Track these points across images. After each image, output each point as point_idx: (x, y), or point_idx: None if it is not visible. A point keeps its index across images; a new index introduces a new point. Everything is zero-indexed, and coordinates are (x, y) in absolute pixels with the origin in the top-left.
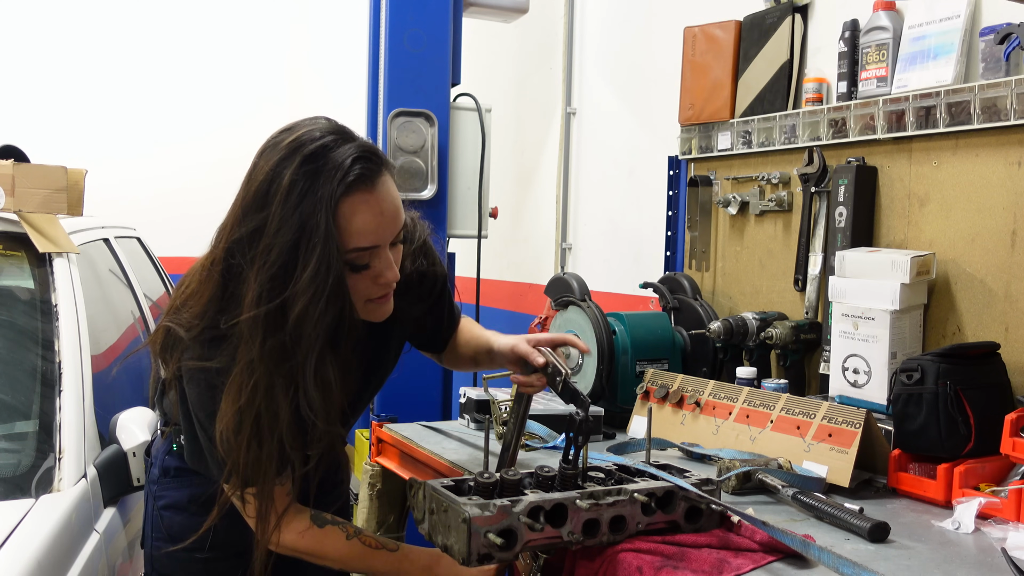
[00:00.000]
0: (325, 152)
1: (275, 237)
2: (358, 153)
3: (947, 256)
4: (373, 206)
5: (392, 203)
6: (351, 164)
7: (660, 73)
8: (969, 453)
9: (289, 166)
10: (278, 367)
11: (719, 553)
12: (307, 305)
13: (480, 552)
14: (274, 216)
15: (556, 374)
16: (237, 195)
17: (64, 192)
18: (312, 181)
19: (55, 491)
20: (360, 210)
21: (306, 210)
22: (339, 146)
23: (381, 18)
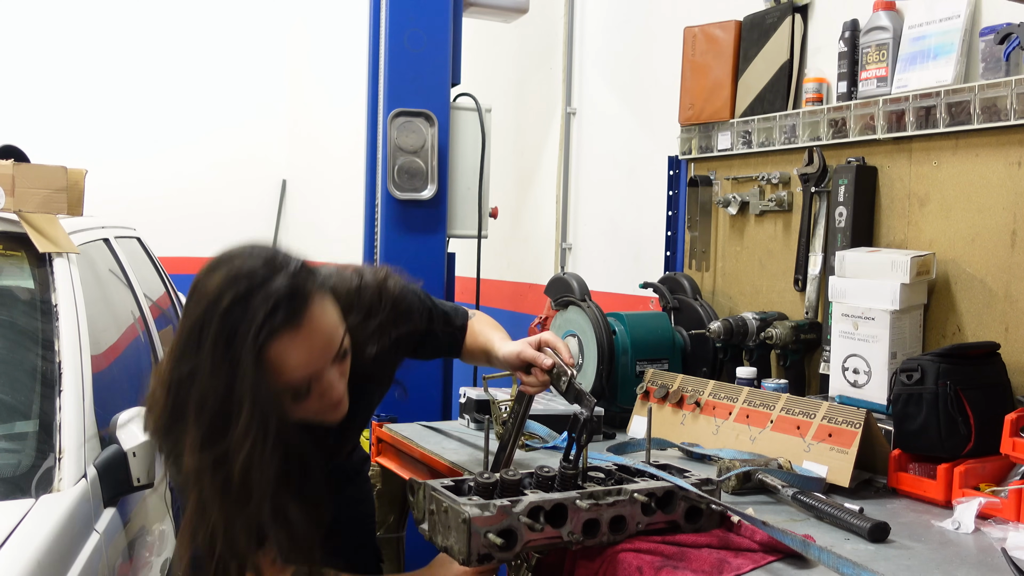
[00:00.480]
0: (249, 297)
1: (208, 383)
2: (281, 293)
3: (947, 256)
4: (301, 344)
5: (323, 333)
6: (273, 308)
7: (660, 73)
8: (969, 453)
9: (216, 311)
10: (233, 513)
11: (719, 553)
12: (248, 455)
13: (480, 552)
14: (205, 362)
15: (561, 374)
16: (179, 325)
17: (64, 192)
18: (237, 328)
19: (55, 491)
20: (288, 349)
21: (234, 358)
22: (264, 286)
23: (381, 18)
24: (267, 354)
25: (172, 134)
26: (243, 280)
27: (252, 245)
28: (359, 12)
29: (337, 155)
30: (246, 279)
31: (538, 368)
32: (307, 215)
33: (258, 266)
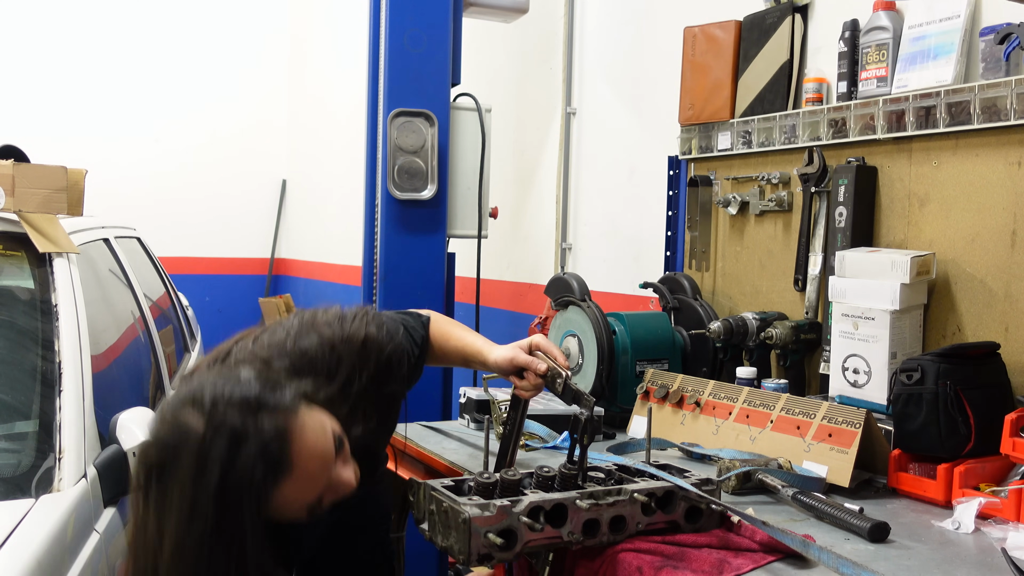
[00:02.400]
0: (229, 476)
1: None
2: (259, 452)
3: (947, 256)
4: (299, 480)
5: (317, 459)
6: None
7: (660, 73)
8: (969, 453)
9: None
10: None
11: (719, 553)
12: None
13: (480, 552)
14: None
15: (556, 376)
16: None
17: (64, 192)
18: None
19: (55, 491)
20: (289, 493)
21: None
22: (239, 451)
23: (381, 18)
24: (271, 509)
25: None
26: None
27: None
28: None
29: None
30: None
31: (532, 372)
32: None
33: (222, 441)
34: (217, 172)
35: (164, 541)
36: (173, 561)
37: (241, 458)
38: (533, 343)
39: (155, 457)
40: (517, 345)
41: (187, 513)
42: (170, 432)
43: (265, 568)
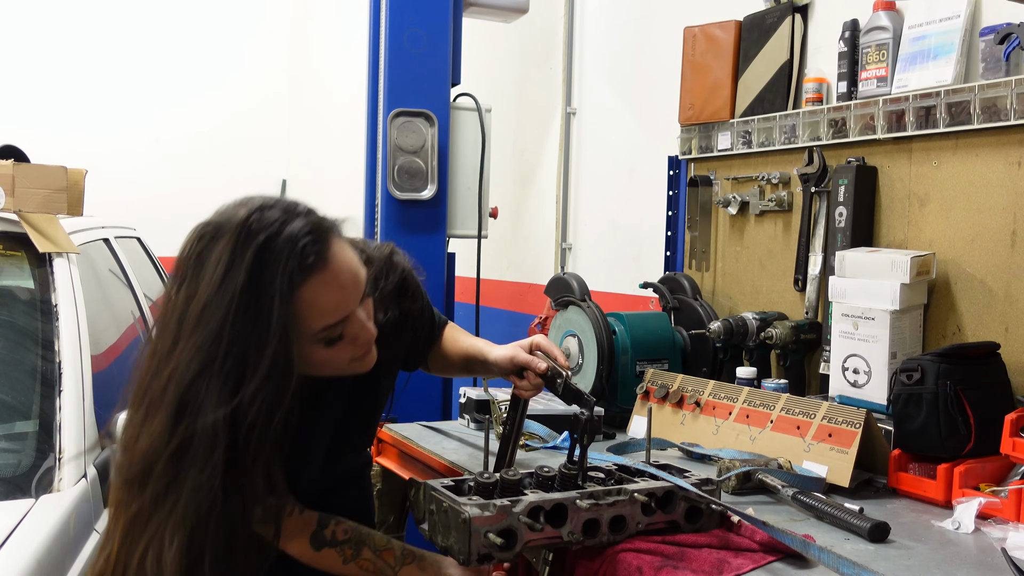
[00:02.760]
0: (272, 241)
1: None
2: (304, 232)
3: (947, 256)
4: (331, 283)
5: (350, 271)
6: (301, 252)
7: (660, 73)
8: (969, 453)
9: (240, 264)
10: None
11: (719, 553)
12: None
13: (480, 552)
14: (225, 324)
15: (556, 376)
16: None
17: (64, 192)
18: (262, 276)
19: (55, 491)
20: (318, 292)
21: (261, 309)
22: (284, 231)
23: (381, 18)
24: (300, 298)
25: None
26: (264, 229)
27: (250, 197)
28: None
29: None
30: (266, 224)
31: (531, 372)
32: None
33: (275, 214)
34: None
35: (192, 303)
36: (197, 319)
37: (286, 231)
38: (534, 343)
39: (204, 231)
40: (518, 344)
41: (221, 272)
42: (221, 214)
43: (285, 359)
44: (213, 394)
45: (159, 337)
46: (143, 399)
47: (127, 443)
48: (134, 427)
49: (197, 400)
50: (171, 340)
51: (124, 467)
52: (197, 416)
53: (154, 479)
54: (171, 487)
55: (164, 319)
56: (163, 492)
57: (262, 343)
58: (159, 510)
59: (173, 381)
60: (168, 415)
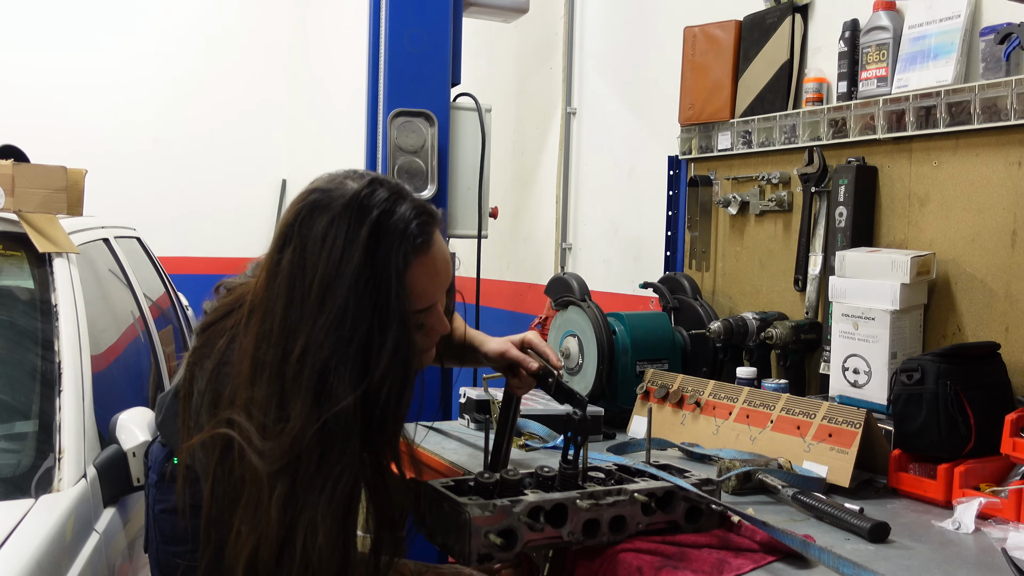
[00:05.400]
0: (386, 219)
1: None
2: (416, 213)
3: (947, 256)
4: (430, 268)
5: (446, 259)
6: (415, 229)
7: (660, 73)
8: (969, 453)
9: (356, 239)
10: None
11: (719, 553)
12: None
13: (480, 552)
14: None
15: (548, 375)
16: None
17: (64, 192)
18: (377, 253)
19: (55, 491)
20: (419, 275)
21: (380, 288)
22: (397, 207)
23: (381, 18)
24: (406, 277)
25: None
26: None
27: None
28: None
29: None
30: (377, 205)
31: (523, 370)
32: None
33: (385, 192)
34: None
35: (307, 275)
36: (322, 296)
37: (398, 210)
38: (526, 340)
39: (312, 199)
40: (510, 340)
41: (340, 249)
42: (329, 183)
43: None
44: (344, 377)
45: (271, 304)
46: (276, 379)
47: (267, 425)
48: (271, 409)
49: (330, 383)
50: (296, 315)
51: (274, 452)
52: (332, 400)
53: (303, 465)
54: (318, 472)
55: (273, 284)
56: (311, 477)
57: (385, 324)
58: (309, 494)
59: (308, 362)
60: (308, 399)
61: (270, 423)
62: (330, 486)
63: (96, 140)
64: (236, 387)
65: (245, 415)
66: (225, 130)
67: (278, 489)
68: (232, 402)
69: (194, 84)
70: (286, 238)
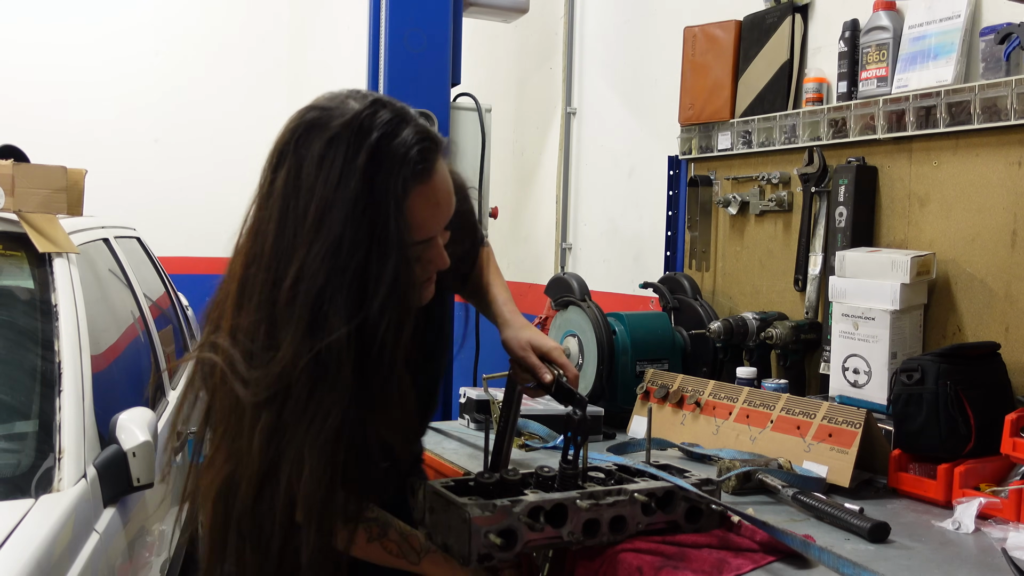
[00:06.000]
0: (386, 142)
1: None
2: (418, 138)
3: (947, 256)
4: (431, 197)
5: (448, 190)
6: (416, 155)
7: (660, 73)
8: (969, 453)
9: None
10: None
11: (719, 553)
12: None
13: (480, 552)
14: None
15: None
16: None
17: (64, 192)
18: (375, 178)
19: (55, 491)
20: (419, 204)
21: (378, 215)
22: (399, 130)
23: (381, 18)
24: (405, 205)
25: (172, 134)
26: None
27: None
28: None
29: None
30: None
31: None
32: None
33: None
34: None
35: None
36: (317, 222)
37: (400, 134)
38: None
39: (310, 117)
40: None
41: (337, 173)
42: (329, 101)
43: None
44: (339, 307)
45: (264, 226)
46: (266, 305)
47: (255, 353)
48: (259, 336)
49: (324, 312)
50: (288, 240)
51: (260, 382)
52: (325, 331)
53: (292, 397)
54: (307, 405)
55: (266, 205)
56: (300, 410)
57: (383, 253)
58: (297, 428)
59: (301, 291)
60: (301, 328)
61: (257, 350)
62: (319, 419)
63: (96, 140)
64: (223, 310)
65: (230, 340)
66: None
67: (263, 420)
68: (218, 326)
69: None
70: (281, 156)
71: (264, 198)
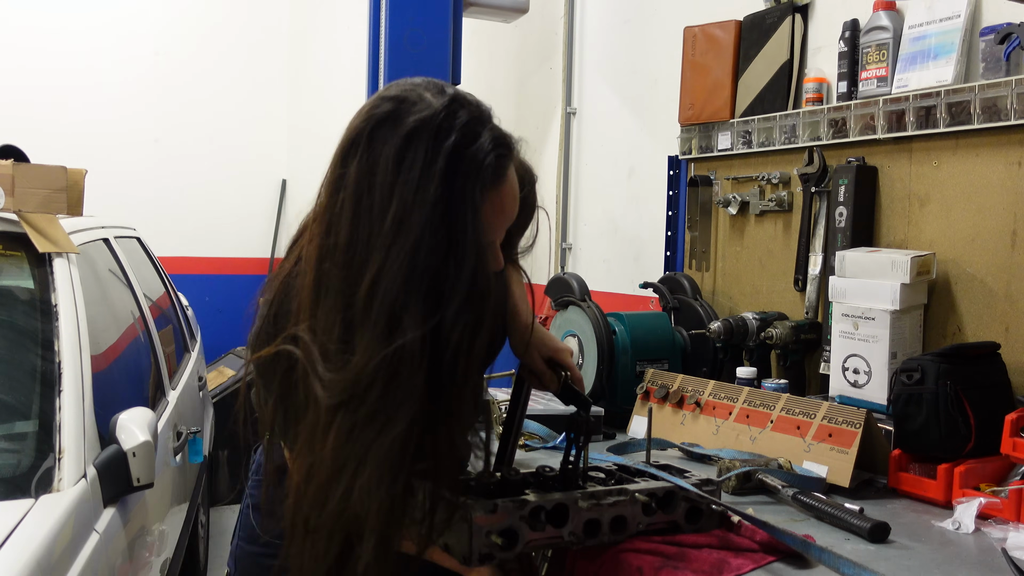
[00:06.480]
0: (465, 147)
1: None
2: (494, 144)
3: (947, 256)
4: (497, 204)
5: (515, 196)
6: (492, 162)
7: (660, 73)
8: (969, 453)
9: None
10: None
11: (719, 553)
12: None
13: (481, 552)
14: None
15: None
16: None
17: (64, 192)
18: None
19: (55, 491)
20: (488, 209)
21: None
22: (479, 134)
23: (381, 18)
24: (481, 211)
25: (172, 134)
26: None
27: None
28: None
29: None
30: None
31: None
32: None
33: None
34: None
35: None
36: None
37: (479, 135)
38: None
39: (385, 110)
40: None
41: (417, 174)
42: (404, 92)
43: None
44: (415, 312)
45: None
46: (343, 305)
47: (331, 353)
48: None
49: (399, 318)
50: (363, 239)
51: (336, 385)
52: (400, 336)
53: (365, 403)
54: (379, 409)
55: (337, 198)
56: (370, 414)
57: (460, 258)
58: (365, 432)
59: (379, 294)
60: (376, 332)
61: (333, 350)
62: (388, 426)
63: (96, 140)
64: (301, 301)
65: (310, 335)
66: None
67: (336, 423)
68: (298, 319)
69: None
70: (352, 146)
71: (335, 190)
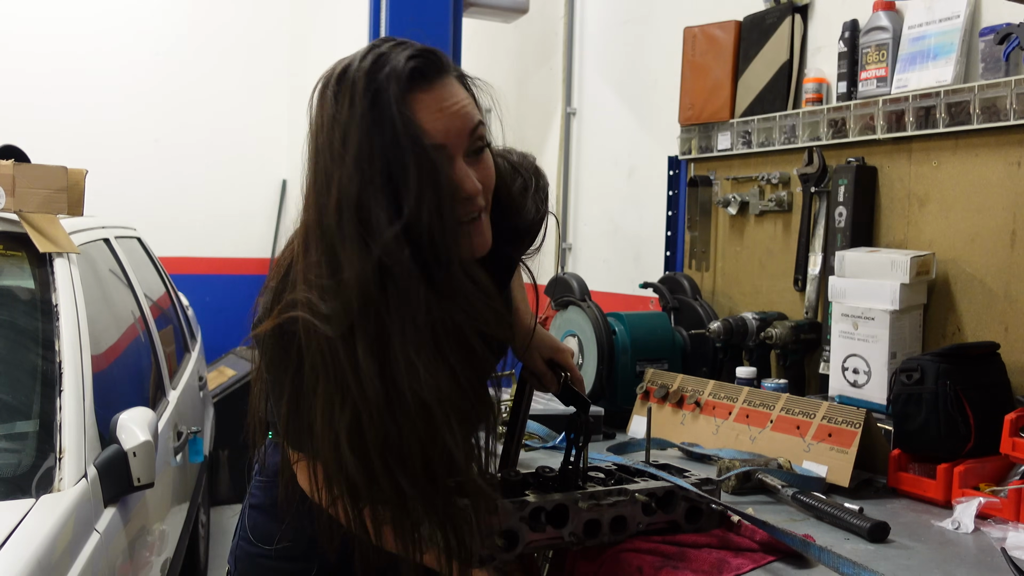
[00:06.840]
0: (382, 60)
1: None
2: (410, 55)
3: (947, 256)
4: (432, 104)
5: (456, 102)
6: (409, 67)
7: (660, 73)
8: (969, 453)
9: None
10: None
11: (719, 553)
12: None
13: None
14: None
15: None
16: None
17: (64, 192)
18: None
19: (55, 491)
20: (422, 109)
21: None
22: (395, 52)
23: (381, 18)
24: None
25: (172, 134)
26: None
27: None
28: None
29: None
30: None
31: None
32: None
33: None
34: (217, 172)
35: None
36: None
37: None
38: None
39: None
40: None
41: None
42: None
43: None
44: (381, 212)
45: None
46: (321, 237)
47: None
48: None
49: (371, 220)
50: (324, 175)
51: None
52: (376, 238)
53: (373, 312)
54: (391, 312)
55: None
56: (387, 320)
57: (400, 151)
58: (393, 338)
59: (344, 208)
60: (355, 244)
61: (328, 282)
62: (409, 320)
63: (97, 140)
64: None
65: (304, 285)
66: (226, 131)
67: (359, 346)
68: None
69: (195, 84)
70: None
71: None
